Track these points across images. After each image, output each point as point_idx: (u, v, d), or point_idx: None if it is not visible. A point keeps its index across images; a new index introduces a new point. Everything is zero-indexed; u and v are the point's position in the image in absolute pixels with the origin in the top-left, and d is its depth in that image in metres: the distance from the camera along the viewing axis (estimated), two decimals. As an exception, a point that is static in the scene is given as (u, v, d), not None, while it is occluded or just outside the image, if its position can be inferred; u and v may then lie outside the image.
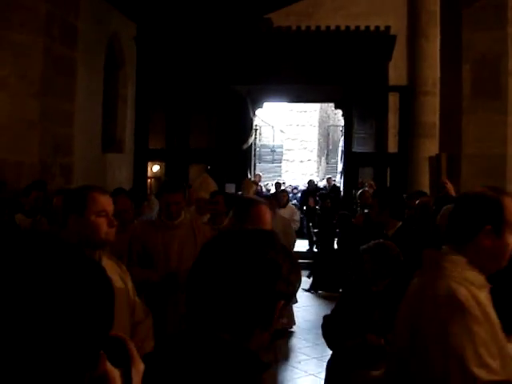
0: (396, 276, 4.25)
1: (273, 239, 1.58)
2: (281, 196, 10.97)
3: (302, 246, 15.55)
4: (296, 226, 10.38)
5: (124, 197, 5.67)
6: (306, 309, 9.83)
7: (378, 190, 8.89)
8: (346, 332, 4.13)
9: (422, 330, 2.35)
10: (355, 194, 11.87)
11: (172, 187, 4.87)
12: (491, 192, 2.46)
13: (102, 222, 2.84)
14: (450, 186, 5.54)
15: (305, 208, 17.67)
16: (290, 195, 23.99)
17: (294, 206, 12.29)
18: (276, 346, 3.29)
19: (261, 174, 12.03)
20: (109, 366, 1.12)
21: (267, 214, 3.19)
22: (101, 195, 2.89)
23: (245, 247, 1.52)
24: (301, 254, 14.53)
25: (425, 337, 2.33)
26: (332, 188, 19.44)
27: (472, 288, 2.39)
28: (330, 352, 4.37)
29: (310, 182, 20.54)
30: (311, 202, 15.71)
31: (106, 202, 2.90)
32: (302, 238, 19.00)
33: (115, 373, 1.13)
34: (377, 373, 3.89)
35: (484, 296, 2.42)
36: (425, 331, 2.34)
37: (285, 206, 10.65)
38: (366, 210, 6.85)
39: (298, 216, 11.45)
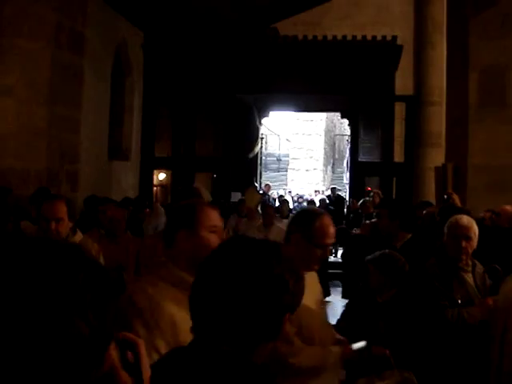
0: (401, 287, 4.24)
1: (279, 251, 1.57)
2: (284, 207, 11.18)
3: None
4: None
5: (116, 206, 5.61)
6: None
7: (386, 199, 8.86)
8: (351, 342, 4.11)
9: None
10: (361, 203, 11.83)
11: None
12: None
13: (214, 238, 2.63)
14: (455, 196, 5.52)
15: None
16: (295, 204, 24.03)
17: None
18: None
19: (270, 183, 11.73)
20: (121, 371, 1.14)
21: (331, 227, 3.07)
22: (211, 210, 2.73)
23: (252, 260, 1.51)
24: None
25: None
26: (336, 198, 19.30)
27: None
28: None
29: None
30: None
31: (217, 217, 2.74)
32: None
33: (127, 378, 1.15)
34: (382, 383, 3.89)
35: None
36: None
37: (287, 216, 10.54)
38: (373, 220, 6.80)
39: None
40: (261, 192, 16.72)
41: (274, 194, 25.72)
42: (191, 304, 1.55)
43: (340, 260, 12.94)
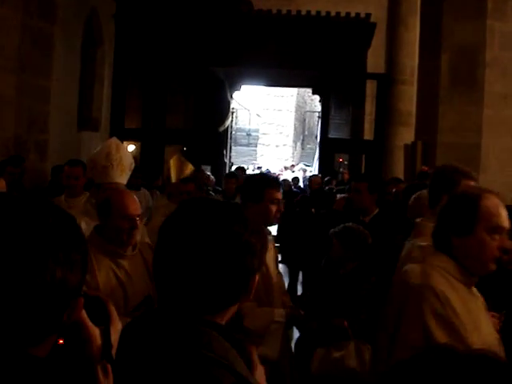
0: (363, 259, 4.33)
1: (242, 213, 1.56)
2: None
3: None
4: None
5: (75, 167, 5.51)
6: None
7: (357, 175, 8.91)
8: (313, 313, 4.21)
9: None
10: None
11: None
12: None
13: (273, 208, 3.52)
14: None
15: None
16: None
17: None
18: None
19: (211, 176, 11.14)
20: (89, 323, 1.18)
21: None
22: (275, 187, 3.57)
23: (217, 223, 1.48)
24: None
25: None
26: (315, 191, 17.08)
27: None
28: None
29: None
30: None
31: (279, 192, 3.59)
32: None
33: (95, 330, 1.19)
34: (338, 354, 3.99)
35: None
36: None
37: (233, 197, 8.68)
38: (344, 195, 6.86)
39: None
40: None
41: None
42: (154, 268, 1.53)
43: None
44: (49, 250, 1.05)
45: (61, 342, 1.12)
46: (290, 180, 17.71)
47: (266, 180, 3.77)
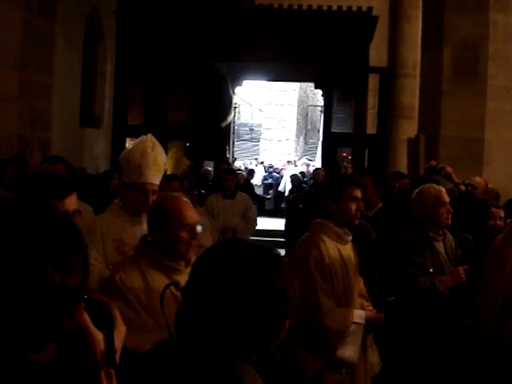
0: (367, 254, 4.33)
1: (280, 260, 1.57)
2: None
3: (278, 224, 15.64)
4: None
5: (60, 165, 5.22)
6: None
7: (360, 169, 8.87)
8: None
9: None
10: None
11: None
12: None
13: (354, 206, 3.72)
14: (449, 169, 5.51)
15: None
16: (266, 174, 24.11)
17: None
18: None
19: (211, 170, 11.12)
20: (93, 328, 1.17)
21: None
22: (355, 186, 3.79)
23: (250, 270, 1.49)
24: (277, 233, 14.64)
25: None
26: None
27: None
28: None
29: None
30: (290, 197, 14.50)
31: (358, 191, 3.77)
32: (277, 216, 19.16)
33: (99, 335, 1.18)
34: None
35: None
36: None
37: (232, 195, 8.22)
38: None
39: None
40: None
41: (246, 163, 25.75)
42: (185, 308, 1.54)
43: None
44: (47, 255, 1.04)
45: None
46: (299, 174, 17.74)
47: (346, 178, 3.82)
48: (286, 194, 18.54)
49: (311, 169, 22.22)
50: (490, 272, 3.72)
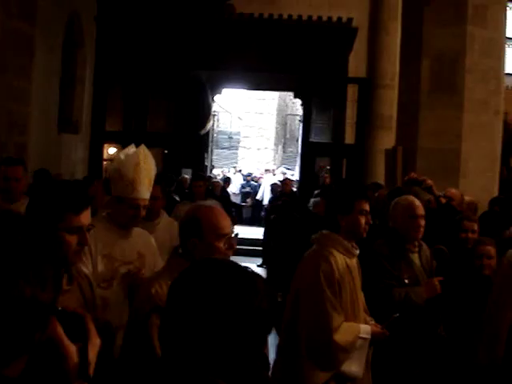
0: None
1: (259, 281, 1.54)
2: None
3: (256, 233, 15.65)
4: None
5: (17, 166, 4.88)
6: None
7: (337, 180, 8.94)
8: None
9: None
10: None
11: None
12: None
13: (363, 220, 3.73)
14: (430, 181, 5.58)
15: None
16: (245, 182, 24.12)
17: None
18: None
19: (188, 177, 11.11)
20: (66, 340, 1.15)
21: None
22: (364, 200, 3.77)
23: (227, 291, 1.47)
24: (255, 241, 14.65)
25: None
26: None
27: None
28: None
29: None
30: None
31: (367, 205, 3.77)
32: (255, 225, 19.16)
33: (72, 347, 1.16)
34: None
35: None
36: None
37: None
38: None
39: None
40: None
41: (225, 171, 25.70)
42: (163, 327, 1.52)
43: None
44: (18, 269, 1.02)
45: None
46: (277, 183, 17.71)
47: (356, 191, 3.83)
48: (264, 202, 18.56)
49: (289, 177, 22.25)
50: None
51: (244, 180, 24.49)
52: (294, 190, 15.15)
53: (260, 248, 14.01)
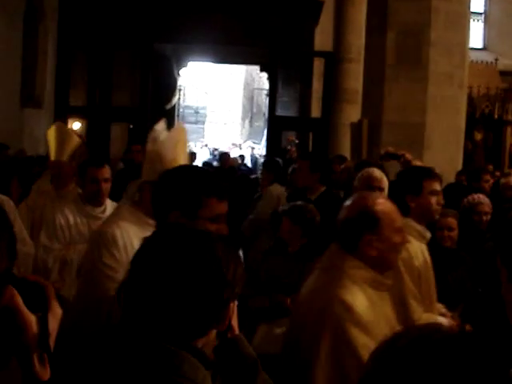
0: (312, 237, 4.37)
1: (213, 242, 1.54)
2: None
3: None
4: None
5: None
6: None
7: (304, 153, 8.93)
8: (257, 290, 4.27)
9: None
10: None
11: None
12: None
13: (433, 200, 3.41)
14: (409, 155, 5.54)
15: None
16: (211, 156, 24.06)
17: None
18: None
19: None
20: (25, 310, 1.13)
21: None
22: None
23: (187, 254, 1.47)
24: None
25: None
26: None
27: None
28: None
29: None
30: None
31: (438, 184, 3.52)
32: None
33: (31, 317, 1.14)
34: (279, 330, 4.04)
35: None
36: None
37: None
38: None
39: None
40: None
41: (191, 146, 25.57)
42: (126, 292, 1.51)
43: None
44: None
45: None
46: (238, 157, 17.76)
47: (424, 171, 3.62)
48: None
49: (256, 152, 22.25)
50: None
51: (211, 154, 24.42)
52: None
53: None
